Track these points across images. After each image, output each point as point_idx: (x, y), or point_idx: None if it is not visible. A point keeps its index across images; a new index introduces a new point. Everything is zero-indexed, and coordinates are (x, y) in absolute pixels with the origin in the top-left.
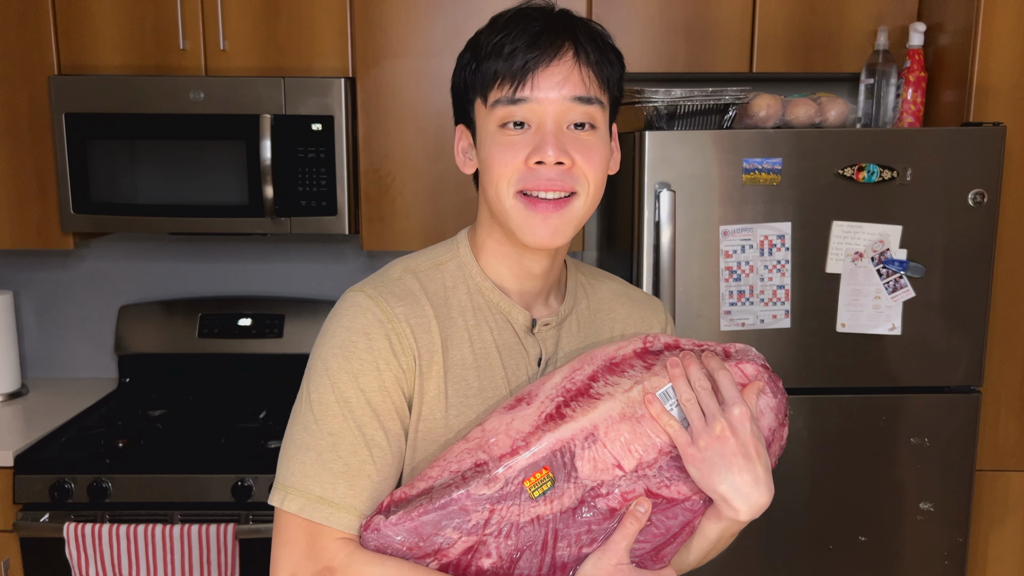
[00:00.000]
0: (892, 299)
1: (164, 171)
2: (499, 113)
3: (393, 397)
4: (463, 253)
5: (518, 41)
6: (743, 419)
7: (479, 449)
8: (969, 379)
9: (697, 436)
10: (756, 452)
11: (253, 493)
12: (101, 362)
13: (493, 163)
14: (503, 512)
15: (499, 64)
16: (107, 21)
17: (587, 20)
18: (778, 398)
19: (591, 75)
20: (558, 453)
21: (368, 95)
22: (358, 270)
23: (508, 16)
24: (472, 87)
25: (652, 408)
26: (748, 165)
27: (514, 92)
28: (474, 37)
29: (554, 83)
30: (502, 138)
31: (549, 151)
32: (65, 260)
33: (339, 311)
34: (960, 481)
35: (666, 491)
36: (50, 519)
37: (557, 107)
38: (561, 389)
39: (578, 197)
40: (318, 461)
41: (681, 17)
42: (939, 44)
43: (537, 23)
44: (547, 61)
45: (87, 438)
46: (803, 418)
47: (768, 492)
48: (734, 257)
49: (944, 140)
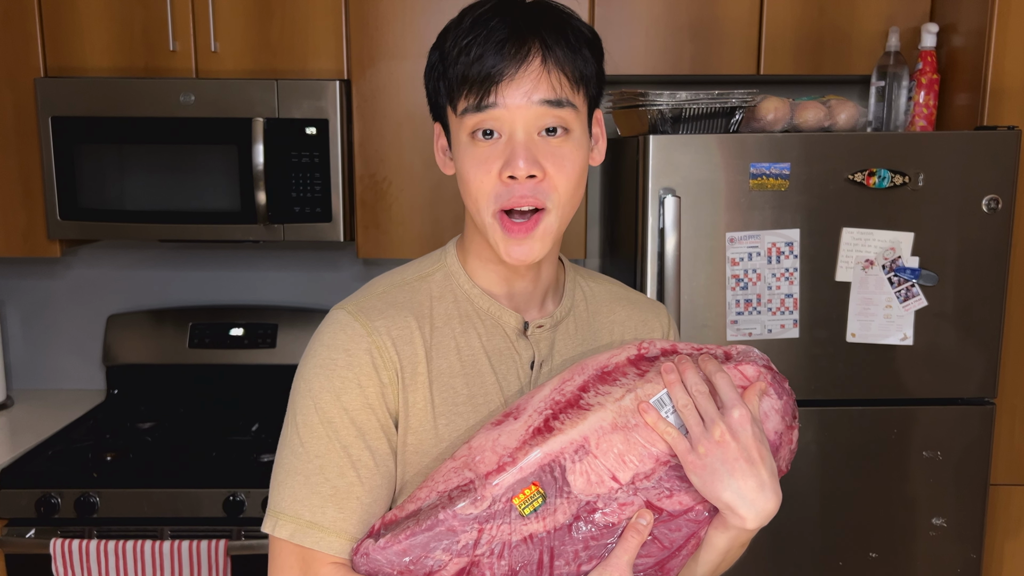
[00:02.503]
0: (904, 308)
1: (154, 176)
2: (468, 122)
3: (378, 413)
4: (451, 262)
5: (483, 48)
6: (744, 422)
7: (465, 467)
8: (983, 391)
9: (696, 442)
10: (760, 456)
11: (245, 508)
12: (89, 373)
13: (468, 178)
14: (493, 531)
15: (464, 72)
16: (95, 22)
17: (561, 10)
18: (783, 399)
19: (561, 78)
20: (547, 468)
21: (364, 98)
22: (353, 278)
23: (476, 15)
24: (440, 92)
25: (648, 416)
26: (755, 170)
27: (480, 100)
28: (442, 34)
29: (522, 91)
30: (474, 150)
31: (520, 163)
32: (52, 268)
33: (321, 330)
34: (974, 495)
35: (667, 502)
36: (36, 535)
37: (526, 113)
38: (550, 401)
39: (548, 213)
40: (306, 485)
41: (686, 17)
42: (952, 45)
43: (503, 26)
44: (513, 69)
45: (74, 451)
46: (812, 431)
47: (775, 497)
48: (741, 265)
49: (957, 144)
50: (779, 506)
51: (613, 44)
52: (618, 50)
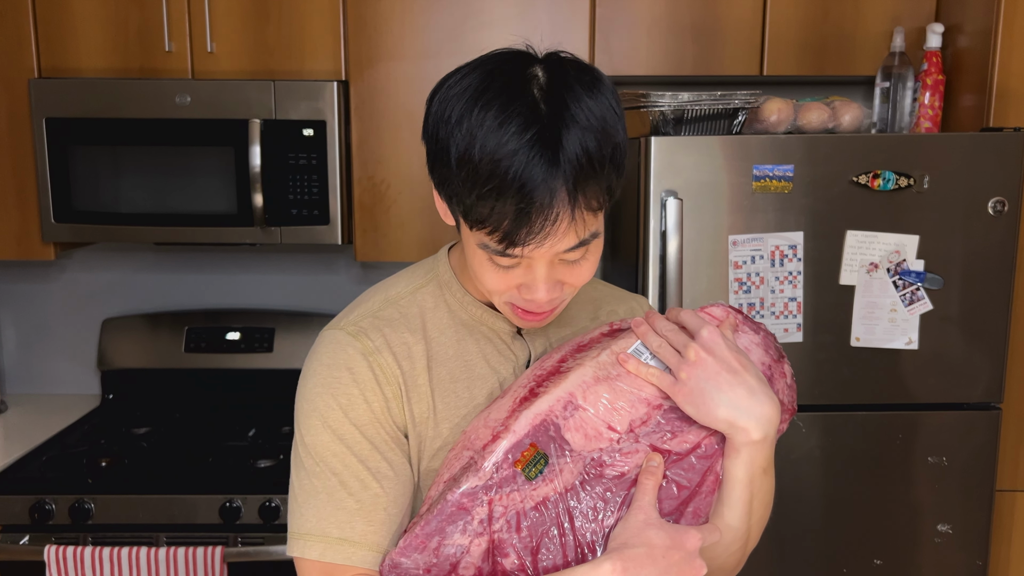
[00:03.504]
0: (909, 312)
1: (149, 178)
2: (486, 251)
3: (386, 427)
4: (442, 272)
5: (504, 210)
6: (714, 337)
7: (463, 449)
8: (989, 395)
9: (676, 370)
10: (741, 365)
11: (242, 514)
12: (83, 378)
13: (481, 279)
14: (504, 502)
15: (484, 212)
16: (89, 22)
17: (583, 107)
18: (760, 334)
19: (588, 218)
20: (541, 428)
21: (362, 99)
22: (351, 281)
23: (489, 152)
24: (452, 195)
25: (628, 365)
26: (758, 172)
27: (504, 250)
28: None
29: (547, 247)
30: (491, 266)
31: (541, 296)
32: (46, 271)
33: (318, 350)
34: (979, 502)
35: (672, 443)
36: (30, 541)
37: (550, 258)
38: (532, 377)
39: (566, 300)
40: (330, 502)
41: (688, 18)
42: (958, 46)
43: (526, 189)
44: (539, 236)
45: (69, 457)
46: (816, 436)
47: (769, 401)
48: (744, 268)
49: (963, 146)
50: (778, 410)
51: (615, 45)
52: (620, 51)
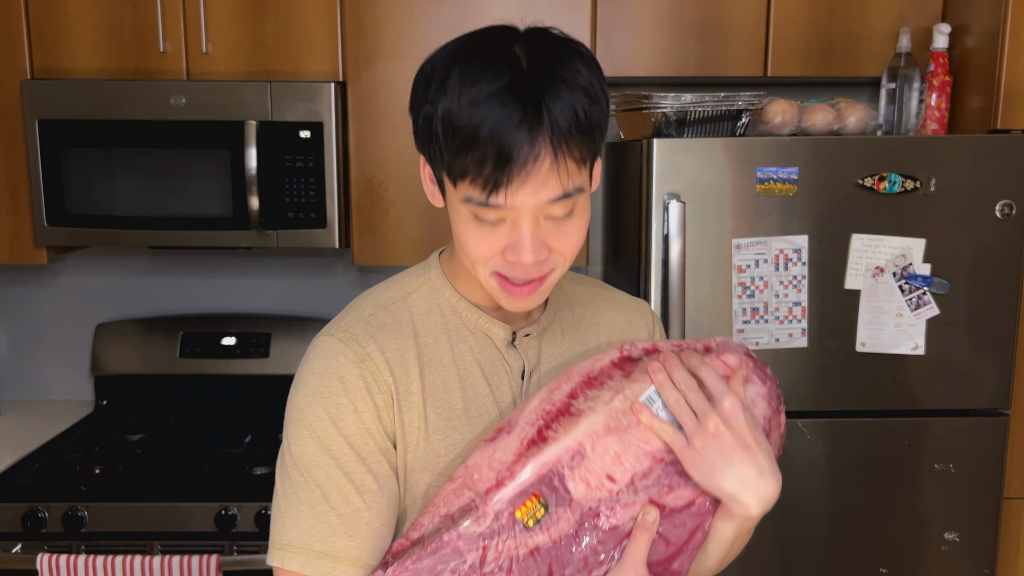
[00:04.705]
0: (915, 317)
1: (143, 181)
2: (469, 206)
3: (376, 438)
4: (434, 277)
5: (486, 150)
6: (735, 410)
7: (464, 487)
8: (997, 402)
9: (692, 436)
10: (756, 442)
11: (237, 522)
12: (77, 383)
13: (467, 247)
14: (499, 547)
15: (466, 167)
16: (83, 22)
17: (562, 67)
18: (767, 385)
19: (571, 167)
20: (546, 477)
21: (359, 100)
22: (349, 285)
23: (473, 96)
24: (435, 157)
25: (642, 416)
26: (762, 174)
27: (487, 198)
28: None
29: (530, 192)
30: (476, 227)
31: (527, 256)
32: (38, 275)
33: (310, 358)
34: (987, 510)
35: (669, 498)
36: (22, 550)
37: (534, 209)
38: (540, 412)
39: (554, 271)
40: (312, 514)
41: (691, 18)
42: (965, 46)
43: (511, 117)
44: (522, 176)
45: (62, 464)
46: (821, 443)
47: (775, 481)
48: (747, 272)
49: (970, 148)
50: (779, 488)
51: (616, 45)
52: (621, 51)
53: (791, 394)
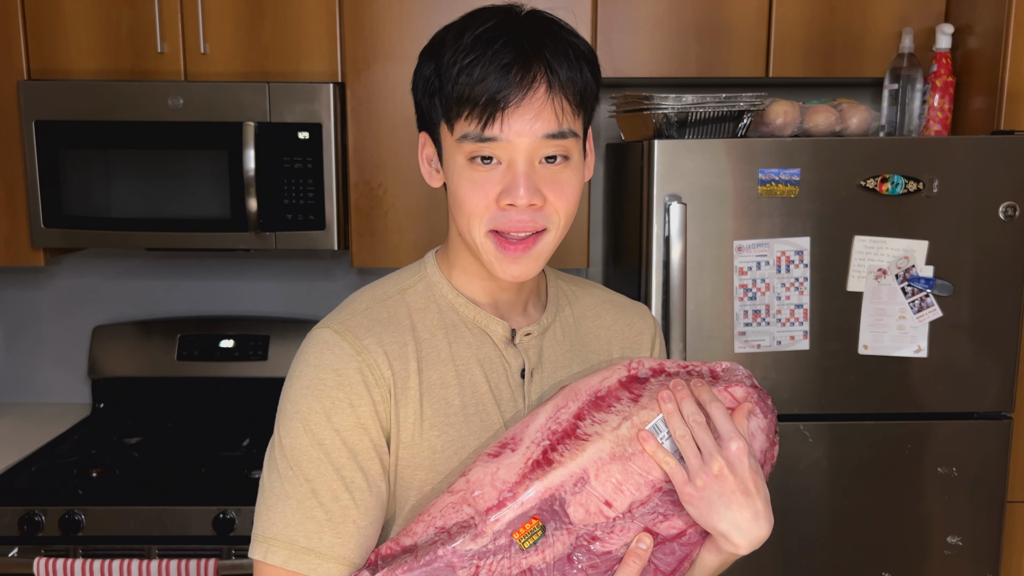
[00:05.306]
0: (918, 319)
1: (141, 183)
2: (467, 148)
3: (371, 433)
4: (431, 273)
5: (486, 70)
6: (741, 455)
7: (464, 503)
8: (1000, 404)
9: (695, 475)
10: (755, 487)
11: (236, 526)
12: (74, 386)
13: (463, 199)
14: (492, 567)
15: (465, 95)
16: (80, 23)
17: (557, 27)
18: (768, 417)
19: (564, 104)
20: (548, 501)
21: (358, 101)
22: (348, 288)
23: (477, 32)
24: (435, 108)
25: (647, 445)
26: (764, 176)
27: (483, 129)
28: (437, 45)
29: (526, 120)
30: (471, 174)
31: (521, 193)
32: (35, 278)
33: (306, 350)
34: (990, 513)
35: (662, 527)
36: (19, 554)
37: (529, 145)
38: (547, 432)
39: (548, 233)
40: (299, 509)
41: (692, 18)
42: (968, 47)
43: (508, 48)
44: (518, 98)
45: (59, 467)
46: (823, 446)
47: (768, 525)
48: (749, 274)
49: (973, 149)
50: (770, 531)
51: (617, 46)
52: (622, 52)
53: (793, 397)
